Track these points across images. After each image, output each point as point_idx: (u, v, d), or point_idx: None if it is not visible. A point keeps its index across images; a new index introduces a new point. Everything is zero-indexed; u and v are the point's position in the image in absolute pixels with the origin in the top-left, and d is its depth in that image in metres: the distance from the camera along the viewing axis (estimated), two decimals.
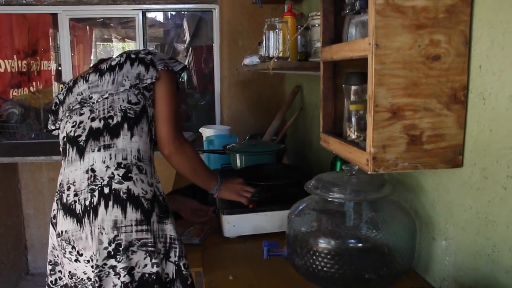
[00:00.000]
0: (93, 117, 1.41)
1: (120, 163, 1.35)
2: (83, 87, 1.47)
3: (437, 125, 1.07)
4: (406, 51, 1.02)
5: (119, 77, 1.44)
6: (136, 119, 1.40)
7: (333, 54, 1.27)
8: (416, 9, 1.02)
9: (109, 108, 1.40)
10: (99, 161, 1.34)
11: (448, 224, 1.21)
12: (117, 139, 1.37)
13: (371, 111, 1.03)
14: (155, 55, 1.50)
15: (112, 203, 1.30)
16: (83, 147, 1.37)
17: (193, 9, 3.63)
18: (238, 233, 1.69)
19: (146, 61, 1.47)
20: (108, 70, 1.47)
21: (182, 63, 1.55)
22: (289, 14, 1.88)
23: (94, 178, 1.33)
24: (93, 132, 1.38)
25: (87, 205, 1.31)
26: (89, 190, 1.32)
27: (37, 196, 3.73)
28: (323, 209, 1.29)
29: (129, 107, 1.40)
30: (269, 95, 3.27)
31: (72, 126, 1.42)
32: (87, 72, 1.52)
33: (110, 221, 1.29)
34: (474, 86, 1.07)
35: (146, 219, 1.33)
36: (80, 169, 1.35)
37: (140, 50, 1.53)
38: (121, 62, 1.47)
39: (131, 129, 1.39)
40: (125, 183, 1.33)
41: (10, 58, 4.30)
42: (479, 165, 1.07)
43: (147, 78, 1.44)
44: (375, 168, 1.06)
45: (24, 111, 3.86)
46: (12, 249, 3.62)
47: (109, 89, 1.42)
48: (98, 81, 1.46)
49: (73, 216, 1.33)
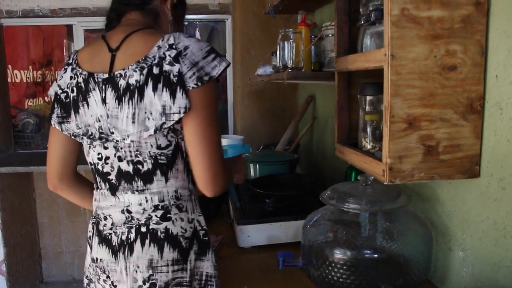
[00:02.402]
0: (119, 156, 1.22)
1: (157, 205, 1.22)
2: (101, 109, 1.20)
3: (454, 136, 1.07)
4: (422, 61, 1.02)
5: (140, 113, 1.15)
6: (169, 164, 1.22)
7: (348, 65, 1.28)
8: (432, 19, 1.02)
9: (137, 152, 1.20)
10: (135, 203, 1.23)
11: (465, 234, 1.20)
12: (150, 184, 1.22)
13: (387, 121, 1.03)
14: (184, 57, 1.14)
15: (149, 241, 1.21)
16: (116, 186, 1.25)
17: (206, 20, 3.66)
18: (253, 243, 1.69)
19: (172, 81, 1.13)
20: (126, 91, 1.16)
21: (223, 60, 1.18)
22: (303, 25, 1.89)
23: (131, 218, 1.23)
24: (123, 175, 1.23)
25: (124, 239, 1.23)
26: (126, 226, 1.24)
27: (51, 205, 3.76)
28: (339, 219, 1.29)
29: (160, 153, 1.20)
30: (282, 105, 3.28)
31: (98, 158, 1.26)
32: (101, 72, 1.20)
33: (146, 259, 1.21)
34: (490, 96, 1.06)
35: (183, 258, 1.24)
36: (116, 207, 1.25)
37: (166, 47, 1.15)
38: (141, 84, 1.14)
39: (165, 174, 1.22)
40: (163, 223, 1.22)
41: (26, 68, 4.36)
42: (496, 175, 1.06)
43: (174, 113, 1.13)
44: (392, 178, 1.05)
45: (39, 121, 3.91)
46: (27, 257, 3.64)
47: (131, 132, 1.17)
48: (118, 110, 1.17)
49: (109, 246, 1.26)
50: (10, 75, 3.81)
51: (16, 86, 4.25)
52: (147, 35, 1.21)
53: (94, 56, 1.24)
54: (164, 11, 1.35)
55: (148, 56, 1.15)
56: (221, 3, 3.44)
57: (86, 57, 1.26)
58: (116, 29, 1.28)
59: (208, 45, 1.19)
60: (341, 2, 1.37)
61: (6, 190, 3.35)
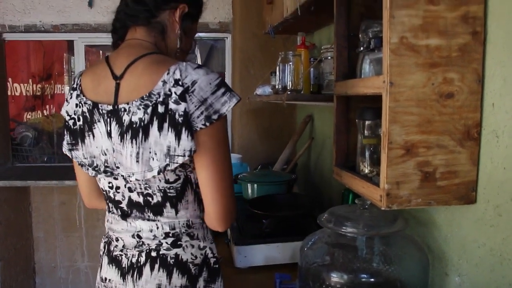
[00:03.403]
0: (129, 187, 1.21)
1: (168, 233, 1.21)
2: (106, 143, 1.17)
3: (451, 162, 1.08)
4: (420, 89, 1.04)
5: (145, 152, 1.11)
6: (178, 197, 1.20)
7: (347, 89, 1.29)
8: (430, 48, 1.04)
9: (146, 185, 1.18)
10: (146, 230, 1.22)
11: (462, 260, 1.21)
12: (161, 216, 1.21)
13: (385, 148, 1.04)
14: (192, 94, 1.08)
15: (158, 266, 1.20)
16: (127, 213, 1.24)
17: (206, 38, 3.69)
18: (250, 264, 1.69)
19: (177, 121, 1.07)
20: (128, 129, 1.12)
21: (234, 95, 1.12)
22: (302, 47, 1.92)
23: (142, 243, 1.23)
24: (134, 204, 1.22)
25: (134, 262, 1.23)
26: (137, 250, 1.23)
27: (47, 219, 3.75)
28: (336, 242, 1.30)
29: (169, 187, 1.18)
30: (280, 124, 3.30)
31: (109, 187, 1.25)
32: (105, 103, 1.16)
33: (154, 284, 1.21)
34: (487, 123, 1.08)
35: (192, 285, 1.22)
36: (127, 231, 1.25)
37: (172, 83, 1.09)
38: (145, 123, 1.09)
39: (175, 206, 1.20)
40: (173, 249, 1.21)
41: (26, 82, 4.37)
42: (492, 202, 1.07)
43: (179, 155, 1.09)
44: (389, 204, 1.06)
45: (38, 134, 3.92)
46: (21, 272, 3.62)
47: (135, 171, 1.14)
48: (121, 147, 1.14)
49: (118, 267, 1.26)
50: (10, 88, 3.82)
51: (16, 99, 4.27)
52: (152, 65, 1.14)
53: (98, 83, 1.20)
54: (172, 24, 1.26)
55: (153, 92, 1.10)
56: (221, 22, 3.47)
57: (89, 85, 1.23)
58: (120, 50, 1.24)
59: (217, 77, 1.12)
60: (340, 28, 1.39)
61: (2, 203, 3.34)
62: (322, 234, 1.34)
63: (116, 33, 1.31)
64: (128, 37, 1.27)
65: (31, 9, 3.39)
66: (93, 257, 3.72)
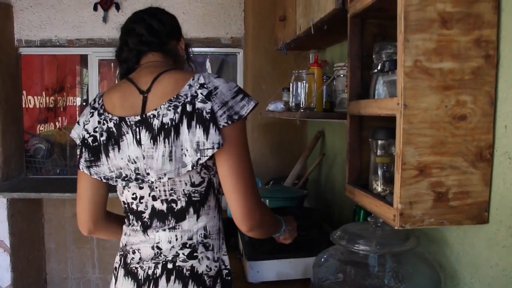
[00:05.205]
0: (154, 196, 1.27)
1: (185, 243, 1.26)
2: (136, 151, 1.24)
3: (463, 183, 1.10)
4: (433, 111, 1.06)
5: (177, 150, 1.19)
6: (201, 201, 1.27)
7: (360, 109, 1.32)
8: (443, 71, 1.06)
9: (171, 191, 1.25)
10: (165, 240, 1.27)
11: (474, 279, 1.22)
12: (182, 222, 1.26)
13: (399, 168, 1.06)
14: (215, 96, 1.19)
15: (174, 278, 1.24)
16: (148, 225, 1.29)
17: (217, 53, 3.73)
18: (262, 279, 1.70)
19: (205, 118, 1.17)
20: (161, 131, 1.20)
21: (251, 99, 1.24)
22: (315, 65, 1.95)
23: (160, 254, 1.27)
24: (156, 213, 1.28)
25: (150, 274, 1.26)
26: (153, 262, 1.27)
27: (59, 231, 3.78)
28: (348, 260, 1.31)
29: (194, 190, 1.25)
30: (292, 139, 3.31)
31: (133, 198, 1.31)
32: (132, 115, 1.25)
33: None
34: (499, 145, 1.10)
35: None
36: (146, 243, 1.29)
37: (197, 86, 1.21)
38: (176, 122, 1.18)
39: (197, 211, 1.27)
40: (189, 261, 1.25)
41: (39, 94, 4.43)
42: (505, 222, 1.09)
43: (208, 148, 1.17)
44: (402, 223, 1.08)
45: (50, 146, 3.96)
46: (33, 283, 3.64)
47: (168, 170, 1.21)
48: (153, 150, 1.21)
49: (134, 279, 1.29)
50: (24, 101, 3.88)
51: (29, 111, 4.32)
52: (176, 75, 1.27)
53: (124, 100, 1.28)
54: (180, 52, 1.43)
55: (180, 94, 1.20)
56: (233, 37, 3.52)
57: (115, 103, 1.30)
58: (141, 71, 1.32)
59: (236, 85, 1.24)
60: (354, 48, 1.42)
61: (16, 215, 3.38)
62: (334, 251, 1.36)
63: (127, 62, 1.39)
64: (144, 61, 1.37)
65: (47, 24, 3.46)
66: (104, 268, 3.74)
